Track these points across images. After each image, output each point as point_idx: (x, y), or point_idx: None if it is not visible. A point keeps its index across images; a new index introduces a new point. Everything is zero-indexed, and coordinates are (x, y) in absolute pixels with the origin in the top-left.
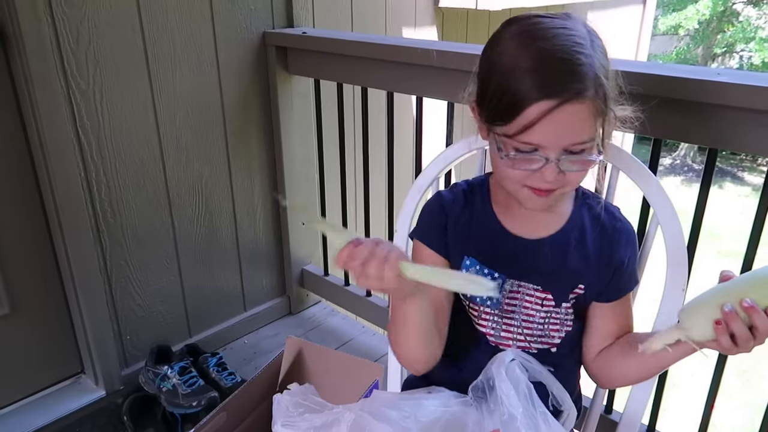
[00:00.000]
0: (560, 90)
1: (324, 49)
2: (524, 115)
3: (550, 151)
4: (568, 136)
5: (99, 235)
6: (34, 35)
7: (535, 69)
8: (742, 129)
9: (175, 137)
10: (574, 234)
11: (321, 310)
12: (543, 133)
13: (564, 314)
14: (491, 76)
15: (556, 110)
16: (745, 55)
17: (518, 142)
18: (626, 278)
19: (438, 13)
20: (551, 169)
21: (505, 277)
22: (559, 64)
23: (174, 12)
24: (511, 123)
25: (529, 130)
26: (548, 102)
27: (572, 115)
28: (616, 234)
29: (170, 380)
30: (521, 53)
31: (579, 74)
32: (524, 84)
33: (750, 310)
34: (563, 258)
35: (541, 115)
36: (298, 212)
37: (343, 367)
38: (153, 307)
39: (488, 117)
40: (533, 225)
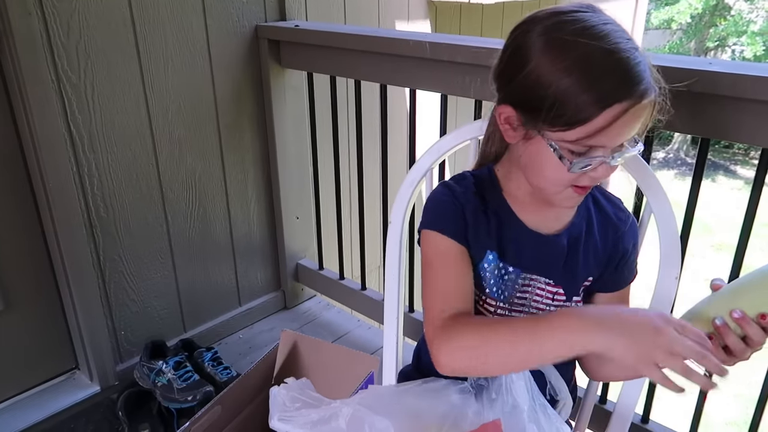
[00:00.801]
0: (627, 94)
1: (316, 42)
2: (595, 121)
3: (608, 150)
4: (629, 135)
5: (92, 230)
6: (24, 29)
7: (598, 75)
8: (733, 119)
9: (167, 131)
10: (583, 228)
11: (316, 304)
12: (612, 135)
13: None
14: (540, 86)
15: (628, 112)
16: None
17: (580, 146)
18: (628, 269)
19: (431, 7)
20: (606, 168)
21: (520, 272)
22: (620, 66)
23: (165, 5)
24: (577, 128)
25: (600, 133)
26: (619, 106)
27: (637, 115)
28: (621, 223)
29: (165, 375)
30: (578, 56)
31: (641, 74)
32: (589, 93)
33: (740, 321)
34: (576, 252)
35: (610, 121)
36: None
37: (338, 360)
38: (147, 302)
39: (542, 125)
40: (547, 219)
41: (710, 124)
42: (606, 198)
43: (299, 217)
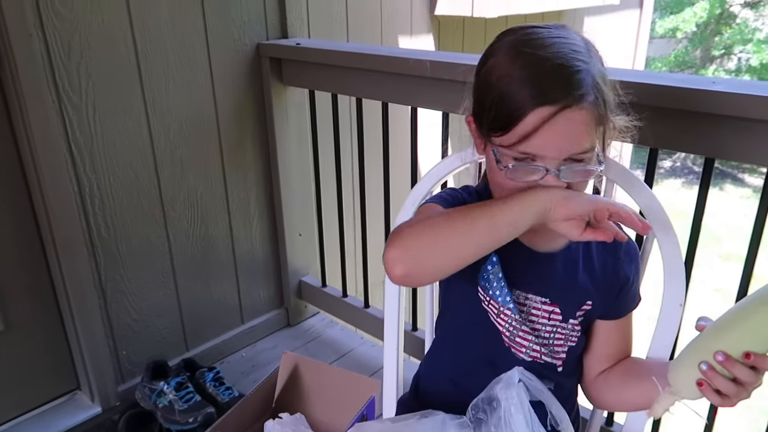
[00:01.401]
0: (559, 96)
1: (318, 60)
2: (523, 123)
3: (550, 160)
4: (568, 145)
5: (93, 250)
6: (25, 50)
7: (533, 76)
8: (737, 138)
9: (169, 150)
10: (582, 251)
11: (319, 321)
12: (542, 141)
13: (570, 330)
14: (488, 87)
15: (555, 117)
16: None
17: (517, 152)
18: (630, 296)
19: (434, 21)
20: (551, 180)
21: (513, 288)
22: (557, 71)
23: (167, 24)
24: (510, 132)
25: (528, 138)
26: (547, 108)
27: (572, 121)
28: (620, 249)
29: (166, 396)
30: (518, 62)
31: (578, 81)
32: (522, 92)
33: (725, 364)
34: (573, 273)
35: (540, 122)
36: None
37: (339, 383)
38: (149, 321)
39: (486, 128)
40: (542, 237)
41: (714, 143)
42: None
43: (302, 234)
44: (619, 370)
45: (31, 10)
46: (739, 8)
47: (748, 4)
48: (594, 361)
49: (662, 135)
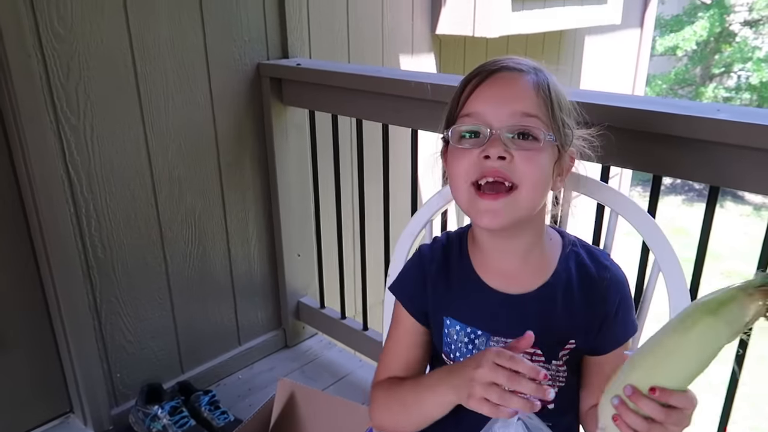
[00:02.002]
0: (494, 67)
1: (318, 80)
2: (464, 94)
3: (493, 120)
4: (507, 101)
5: (89, 271)
6: (24, 70)
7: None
8: (742, 166)
9: (167, 170)
10: (560, 289)
11: (317, 343)
12: (481, 99)
13: (555, 371)
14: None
15: (492, 76)
16: (743, 75)
17: (461, 120)
18: (618, 328)
19: (435, 41)
20: (495, 141)
21: (489, 335)
22: (490, 60)
23: (166, 45)
24: (455, 110)
25: (467, 101)
26: (485, 73)
27: (508, 80)
28: (604, 283)
29: (160, 420)
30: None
31: (515, 60)
32: (463, 80)
33: (633, 399)
34: (549, 313)
35: (474, 85)
36: None
37: (336, 411)
38: (144, 343)
39: (444, 130)
40: (515, 279)
41: (718, 172)
42: (589, 254)
43: (300, 255)
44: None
45: (31, 31)
46: (739, 27)
47: (747, 23)
48: (587, 393)
49: (666, 162)
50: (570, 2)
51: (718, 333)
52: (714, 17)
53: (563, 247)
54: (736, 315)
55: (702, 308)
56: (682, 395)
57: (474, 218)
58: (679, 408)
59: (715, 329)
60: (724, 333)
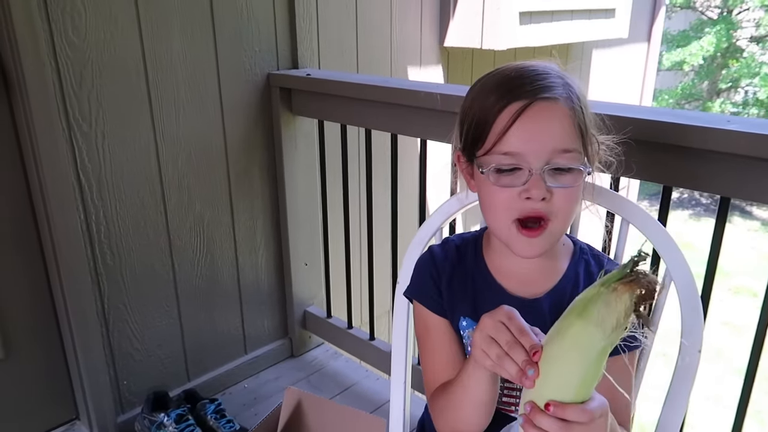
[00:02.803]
0: (528, 91)
1: (328, 90)
2: (496, 124)
3: (532, 159)
4: (544, 137)
5: (98, 278)
6: (37, 78)
7: (501, 83)
8: (752, 177)
9: (177, 178)
10: (568, 293)
11: (323, 352)
12: (518, 136)
13: None
14: (466, 113)
15: (527, 110)
16: (750, 90)
17: (498, 155)
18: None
19: (443, 53)
20: (536, 182)
21: None
22: (524, 74)
23: (178, 55)
24: (487, 139)
25: (504, 136)
26: (517, 104)
27: (544, 111)
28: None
29: (166, 428)
30: (489, 82)
31: (547, 80)
32: (491, 97)
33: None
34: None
35: (512, 118)
36: None
37: (343, 420)
38: (151, 350)
39: (469, 150)
40: (529, 283)
41: (729, 183)
42: (597, 261)
43: (308, 264)
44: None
45: (45, 40)
46: (746, 42)
47: (755, 39)
48: None
49: (676, 173)
50: (578, 16)
51: (591, 335)
52: (721, 32)
53: (573, 254)
54: (603, 314)
55: (571, 310)
56: (577, 409)
57: (512, 248)
58: (578, 422)
59: (587, 332)
60: (597, 335)
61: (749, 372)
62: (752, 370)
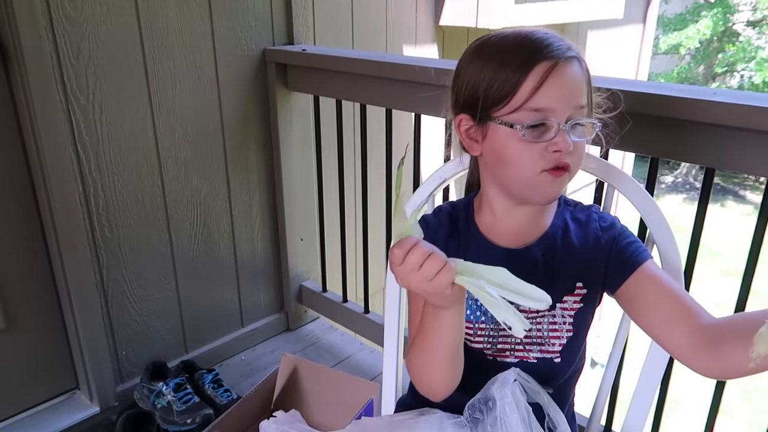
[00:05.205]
0: (554, 51)
1: (323, 66)
2: (527, 81)
3: (559, 114)
4: (570, 95)
5: (96, 250)
6: (35, 51)
7: (524, 43)
8: (737, 148)
9: (173, 152)
10: (559, 237)
11: (319, 326)
12: (549, 93)
13: (561, 318)
14: (477, 76)
15: (555, 68)
16: (746, 74)
17: (528, 111)
18: (633, 248)
19: (438, 32)
20: (564, 136)
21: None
22: (543, 35)
23: (174, 29)
24: (516, 96)
25: (536, 92)
26: (546, 63)
27: (570, 73)
28: (595, 222)
29: (165, 397)
30: (504, 42)
31: (563, 42)
32: (517, 57)
33: None
34: (552, 260)
35: (543, 75)
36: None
37: (338, 386)
38: (149, 322)
39: (486, 110)
40: (519, 235)
41: (714, 153)
42: (577, 205)
43: (303, 239)
44: (728, 331)
45: (42, 13)
46: (743, 26)
47: (751, 23)
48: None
49: (663, 145)
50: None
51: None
52: (717, 16)
53: (558, 204)
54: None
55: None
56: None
57: (535, 193)
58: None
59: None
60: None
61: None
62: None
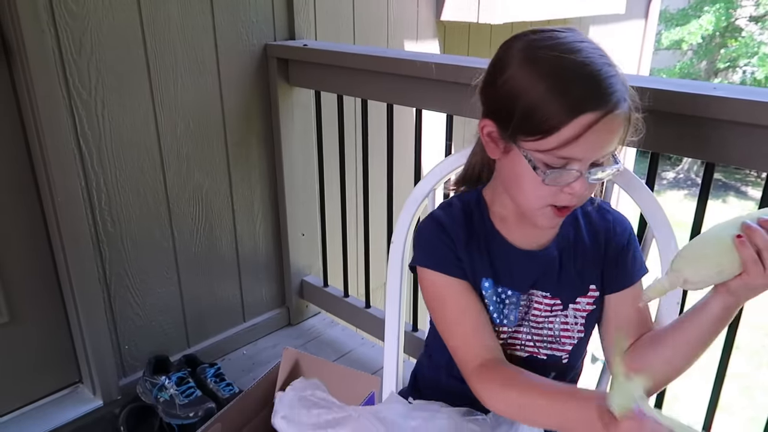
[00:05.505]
0: (602, 103)
1: (325, 61)
2: (566, 129)
3: (585, 162)
4: (603, 149)
5: (99, 244)
6: (37, 46)
7: (581, 76)
8: (737, 143)
9: (175, 147)
10: (572, 237)
11: (320, 321)
12: (584, 146)
13: (573, 319)
14: (516, 96)
15: (598, 123)
16: (749, 70)
17: (554, 157)
18: (635, 263)
19: (440, 27)
20: (583, 183)
21: (519, 293)
22: (595, 77)
23: (176, 24)
24: (550, 137)
25: (570, 144)
26: (591, 115)
27: (611, 126)
28: (608, 224)
29: (167, 391)
30: (551, 67)
31: (613, 86)
32: (562, 99)
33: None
34: (569, 260)
35: (584, 129)
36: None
37: (339, 379)
38: (152, 316)
39: (515, 134)
40: (534, 235)
41: (714, 148)
42: (590, 203)
43: (305, 234)
44: (644, 341)
45: (44, 8)
46: (745, 22)
47: (754, 18)
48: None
49: (663, 139)
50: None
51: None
52: (720, 11)
53: None
54: None
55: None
56: None
57: (535, 221)
58: None
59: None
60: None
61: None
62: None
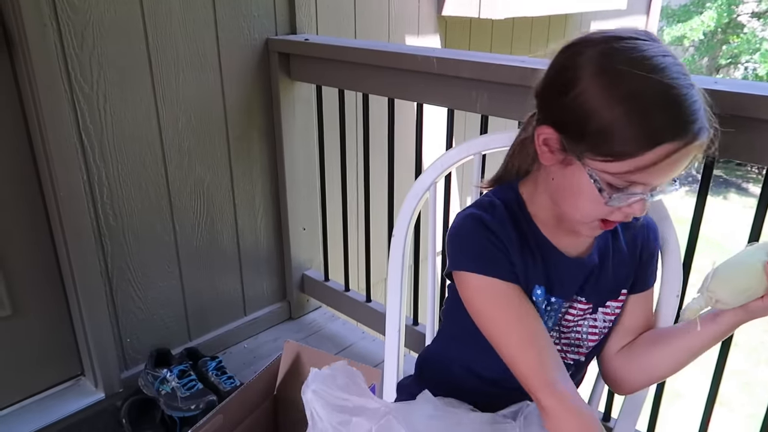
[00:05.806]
0: (684, 133)
1: (326, 55)
2: (642, 157)
3: (648, 187)
4: (674, 174)
5: (101, 238)
6: (39, 40)
7: (655, 109)
8: (737, 137)
9: (177, 141)
10: (610, 243)
11: (321, 315)
12: (657, 173)
13: (602, 323)
14: (593, 110)
15: (677, 153)
16: (750, 66)
17: (621, 180)
18: (652, 270)
19: (441, 22)
20: (642, 205)
21: (562, 301)
22: (678, 104)
23: (178, 18)
24: (621, 162)
25: (643, 170)
26: (672, 145)
27: (688, 155)
28: (644, 229)
29: (169, 383)
30: (632, 88)
31: (696, 114)
32: (650, 124)
33: None
34: (606, 265)
35: (662, 158)
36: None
37: None
38: (153, 310)
39: (585, 151)
40: (577, 241)
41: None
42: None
43: (306, 228)
44: (645, 338)
45: (46, 1)
46: (747, 18)
47: (756, 14)
48: (619, 336)
49: None
50: None
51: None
52: (722, 8)
53: None
54: None
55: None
56: None
57: (575, 227)
58: None
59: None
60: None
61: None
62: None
